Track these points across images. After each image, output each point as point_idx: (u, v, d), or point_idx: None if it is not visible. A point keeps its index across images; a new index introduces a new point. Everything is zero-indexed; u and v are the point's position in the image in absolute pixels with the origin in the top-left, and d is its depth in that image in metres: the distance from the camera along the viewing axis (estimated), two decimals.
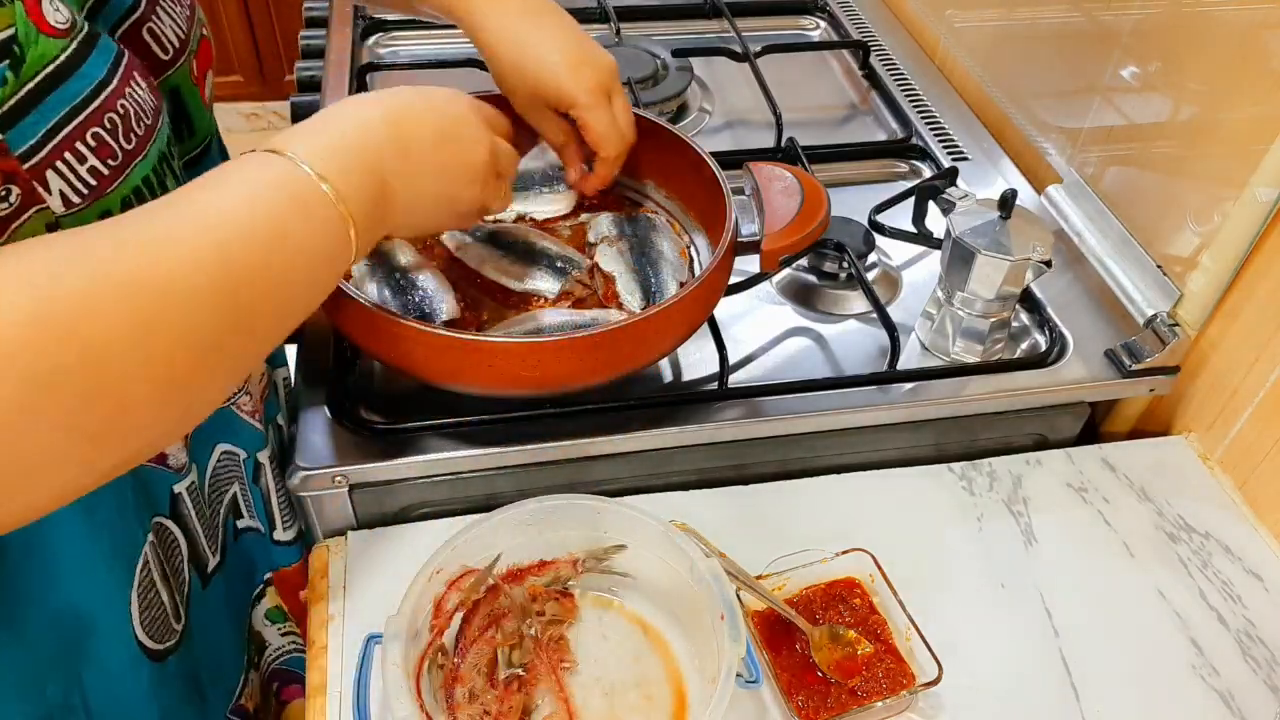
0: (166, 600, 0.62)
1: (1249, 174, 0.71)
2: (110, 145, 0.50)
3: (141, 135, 0.52)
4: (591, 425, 0.73)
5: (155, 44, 0.58)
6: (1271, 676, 0.66)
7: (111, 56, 0.50)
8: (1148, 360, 0.79)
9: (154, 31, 0.58)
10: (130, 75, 0.52)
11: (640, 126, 0.79)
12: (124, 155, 0.51)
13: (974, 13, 1.14)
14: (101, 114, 0.49)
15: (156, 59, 0.58)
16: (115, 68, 0.50)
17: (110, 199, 0.50)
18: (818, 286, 0.87)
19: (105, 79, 0.49)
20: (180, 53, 0.61)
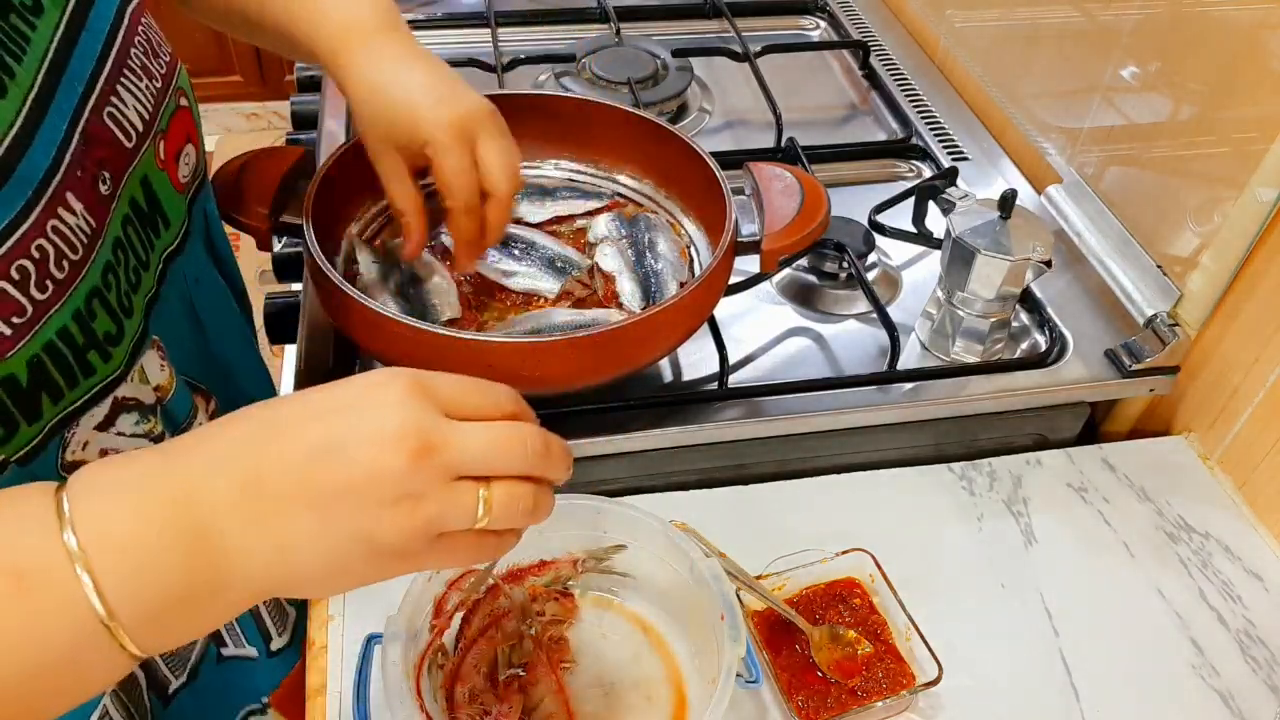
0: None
1: (1249, 174, 0.71)
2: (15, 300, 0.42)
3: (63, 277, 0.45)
4: (591, 425, 0.73)
5: (118, 129, 0.52)
6: (1271, 676, 0.66)
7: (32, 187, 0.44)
8: (1148, 360, 0.79)
9: (115, 115, 0.52)
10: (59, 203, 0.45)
11: (640, 126, 0.80)
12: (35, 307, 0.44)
13: (974, 13, 1.14)
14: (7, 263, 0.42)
15: (120, 146, 0.52)
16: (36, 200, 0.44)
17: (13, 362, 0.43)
18: (818, 286, 0.87)
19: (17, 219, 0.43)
20: (145, 136, 0.55)
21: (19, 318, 0.43)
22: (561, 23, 1.22)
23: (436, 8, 1.25)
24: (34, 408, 0.46)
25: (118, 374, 0.51)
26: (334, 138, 0.99)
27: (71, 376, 0.48)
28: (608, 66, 1.07)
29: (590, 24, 1.21)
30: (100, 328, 0.49)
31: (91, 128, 0.50)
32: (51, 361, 0.46)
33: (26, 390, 0.45)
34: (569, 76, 1.09)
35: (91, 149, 0.50)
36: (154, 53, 0.57)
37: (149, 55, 0.57)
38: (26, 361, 0.44)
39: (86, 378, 0.49)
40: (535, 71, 1.11)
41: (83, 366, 0.48)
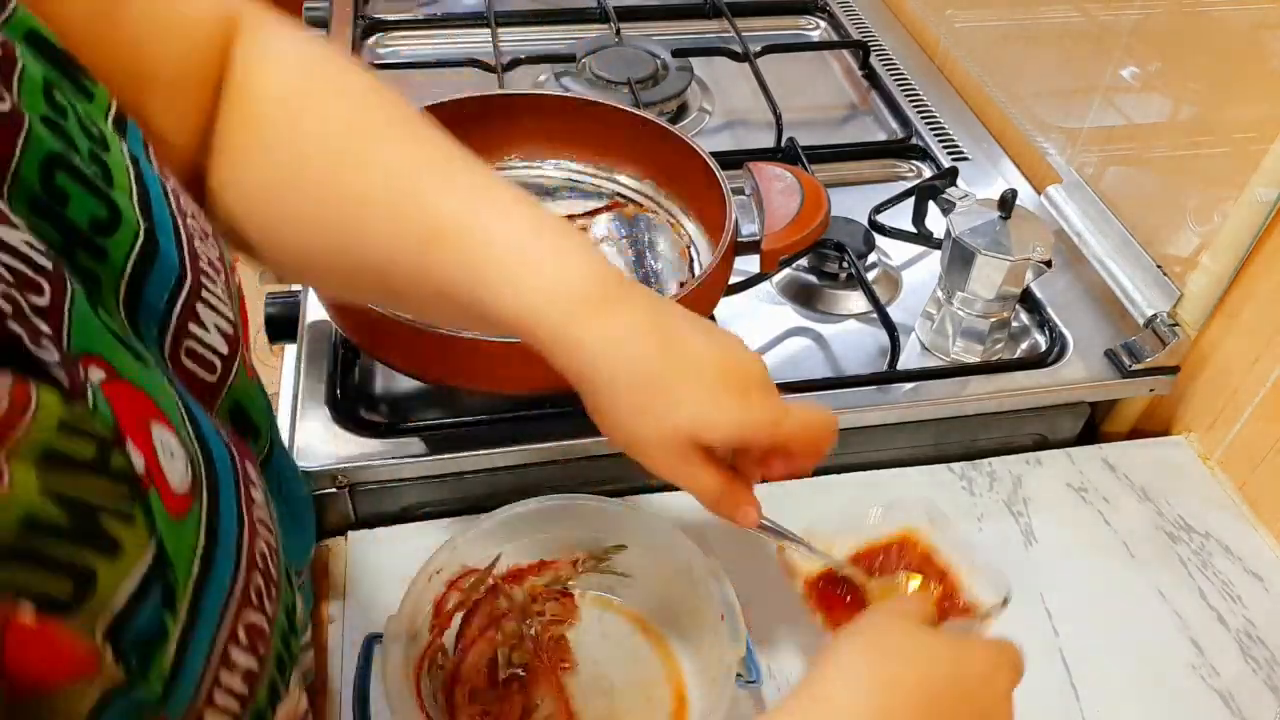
0: None
1: (1249, 174, 0.71)
2: (260, 627, 0.33)
3: (276, 575, 0.35)
4: (592, 425, 0.72)
5: (200, 368, 0.37)
6: (1271, 676, 0.66)
7: (231, 474, 0.33)
8: (1148, 360, 0.79)
9: (195, 350, 0.37)
10: (247, 480, 0.34)
11: (640, 126, 0.80)
12: (269, 625, 0.34)
13: (974, 13, 1.14)
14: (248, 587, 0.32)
15: (205, 386, 0.38)
16: (238, 489, 0.33)
17: (259, 698, 0.33)
18: (818, 286, 0.87)
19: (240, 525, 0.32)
20: (232, 357, 0.39)
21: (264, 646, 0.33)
22: (561, 23, 1.22)
23: (436, 8, 1.25)
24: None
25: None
26: None
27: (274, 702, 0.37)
28: (608, 66, 1.08)
29: (590, 24, 1.21)
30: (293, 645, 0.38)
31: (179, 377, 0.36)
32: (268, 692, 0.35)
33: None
34: (569, 76, 1.09)
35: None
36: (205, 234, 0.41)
37: (204, 240, 0.40)
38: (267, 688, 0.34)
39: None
40: (535, 71, 1.11)
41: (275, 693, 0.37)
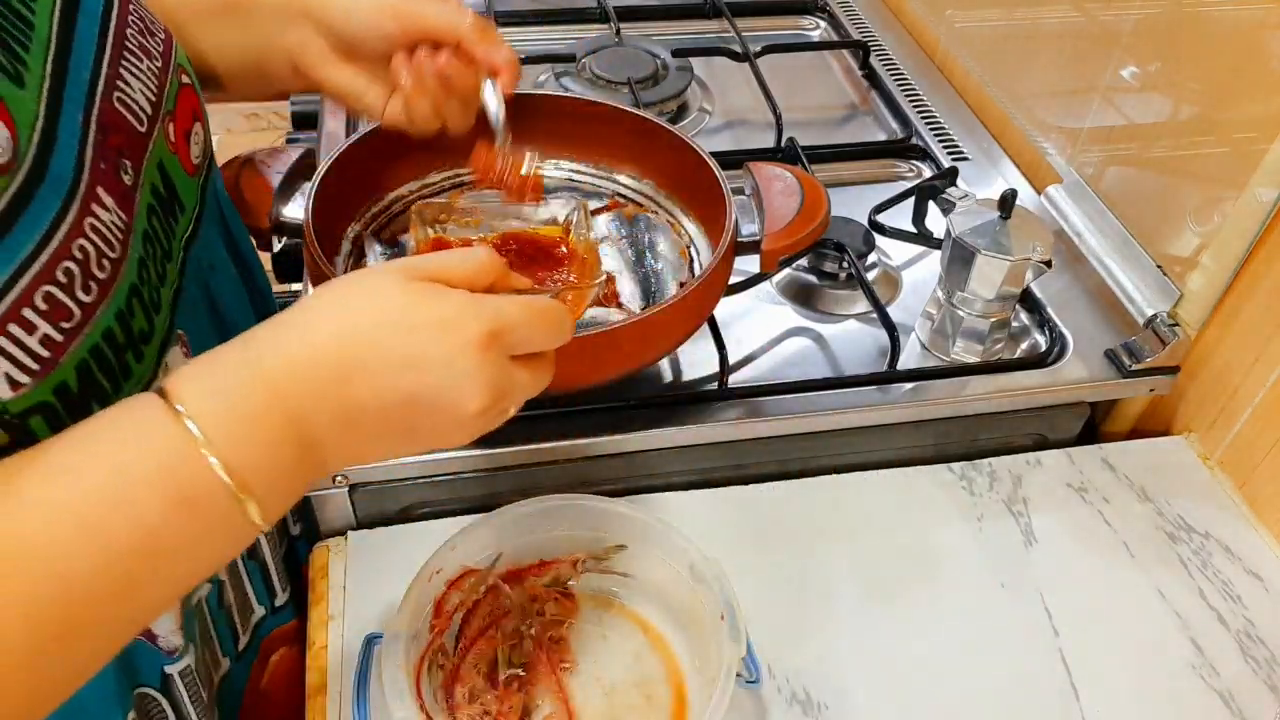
0: None
1: (1249, 174, 0.71)
2: (65, 305, 0.42)
3: (105, 277, 0.44)
4: (591, 425, 0.73)
5: (129, 114, 0.49)
6: (1271, 676, 0.66)
7: (66, 185, 0.42)
8: (1148, 360, 0.79)
9: (124, 100, 0.49)
10: (92, 199, 0.44)
11: (640, 126, 0.80)
12: (83, 310, 0.43)
13: (974, 13, 1.14)
14: (54, 266, 0.41)
15: (134, 133, 0.50)
16: (71, 197, 0.42)
17: (64, 369, 0.42)
18: (818, 286, 0.87)
19: (57, 219, 0.41)
20: (155, 119, 0.52)
21: (67, 322, 0.42)
22: (561, 23, 1.22)
23: None
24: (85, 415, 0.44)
25: (151, 375, 0.50)
26: (334, 138, 0.99)
27: (115, 380, 0.47)
28: (608, 66, 1.07)
29: (590, 24, 1.21)
30: (136, 326, 0.48)
31: (104, 116, 0.48)
32: (98, 366, 0.45)
33: (77, 397, 0.44)
34: (569, 76, 1.09)
35: (108, 138, 0.47)
36: (149, 30, 0.54)
37: (144, 34, 0.54)
38: (75, 367, 0.43)
39: (125, 380, 0.47)
40: (535, 71, 1.11)
41: (123, 369, 0.47)
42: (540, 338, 0.46)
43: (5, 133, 0.39)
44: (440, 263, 0.45)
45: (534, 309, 0.45)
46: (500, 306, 0.44)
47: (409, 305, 0.43)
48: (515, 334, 0.44)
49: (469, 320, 0.43)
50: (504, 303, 0.44)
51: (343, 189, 0.76)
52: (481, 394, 0.43)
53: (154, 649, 0.56)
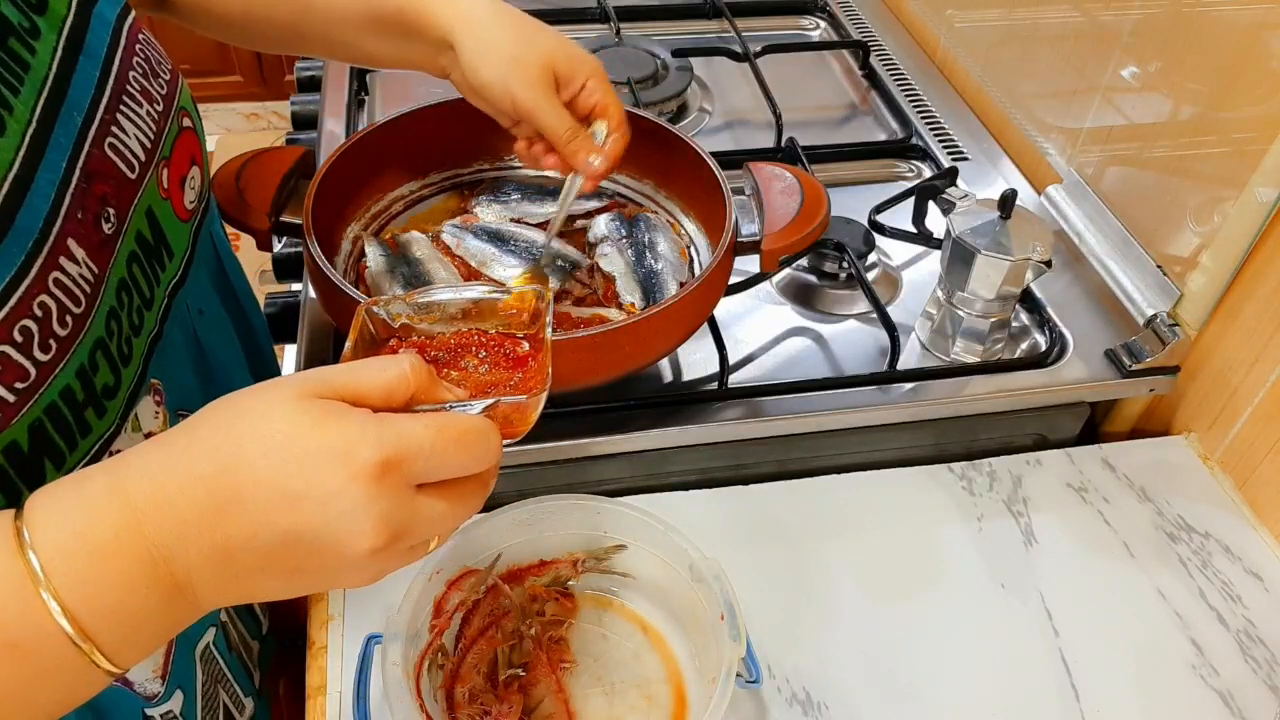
0: None
1: (1249, 174, 0.71)
2: (19, 365, 0.40)
3: (67, 334, 0.43)
4: (591, 425, 0.73)
5: (120, 161, 0.49)
6: (1271, 676, 0.66)
7: (32, 239, 0.41)
8: (1148, 360, 0.79)
9: (116, 146, 0.49)
10: (61, 251, 0.42)
11: (640, 126, 0.79)
12: (39, 370, 0.41)
13: (974, 13, 1.14)
14: (10, 326, 0.39)
15: (123, 179, 0.49)
16: (37, 251, 0.41)
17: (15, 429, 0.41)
18: (818, 286, 0.87)
19: (18, 275, 0.40)
20: (148, 165, 0.51)
21: (22, 382, 0.40)
22: (561, 23, 1.22)
23: None
24: (37, 473, 0.43)
25: (112, 429, 0.48)
26: (334, 138, 0.99)
27: (71, 438, 0.45)
28: (608, 66, 1.06)
29: (590, 24, 1.21)
30: (100, 381, 0.46)
31: (92, 163, 0.47)
32: (52, 425, 0.43)
33: (28, 456, 0.42)
34: None
35: (93, 185, 0.46)
36: (154, 73, 0.54)
37: (149, 76, 0.53)
38: (29, 426, 0.41)
39: (84, 437, 0.46)
40: None
41: (80, 426, 0.45)
42: (455, 463, 0.39)
43: None
44: (351, 375, 0.40)
45: (448, 432, 0.39)
46: (404, 430, 0.38)
47: (296, 431, 0.37)
48: (419, 462, 0.38)
49: (361, 448, 0.37)
50: (411, 425, 0.38)
51: (343, 189, 0.76)
52: (372, 532, 0.37)
53: (131, 694, 0.54)
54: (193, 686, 0.60)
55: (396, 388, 0.39)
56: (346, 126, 1.01)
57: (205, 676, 0.62)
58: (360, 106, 1.07)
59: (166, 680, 0.57)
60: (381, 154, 0.79)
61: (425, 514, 0.39)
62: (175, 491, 0.37)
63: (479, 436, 0.40)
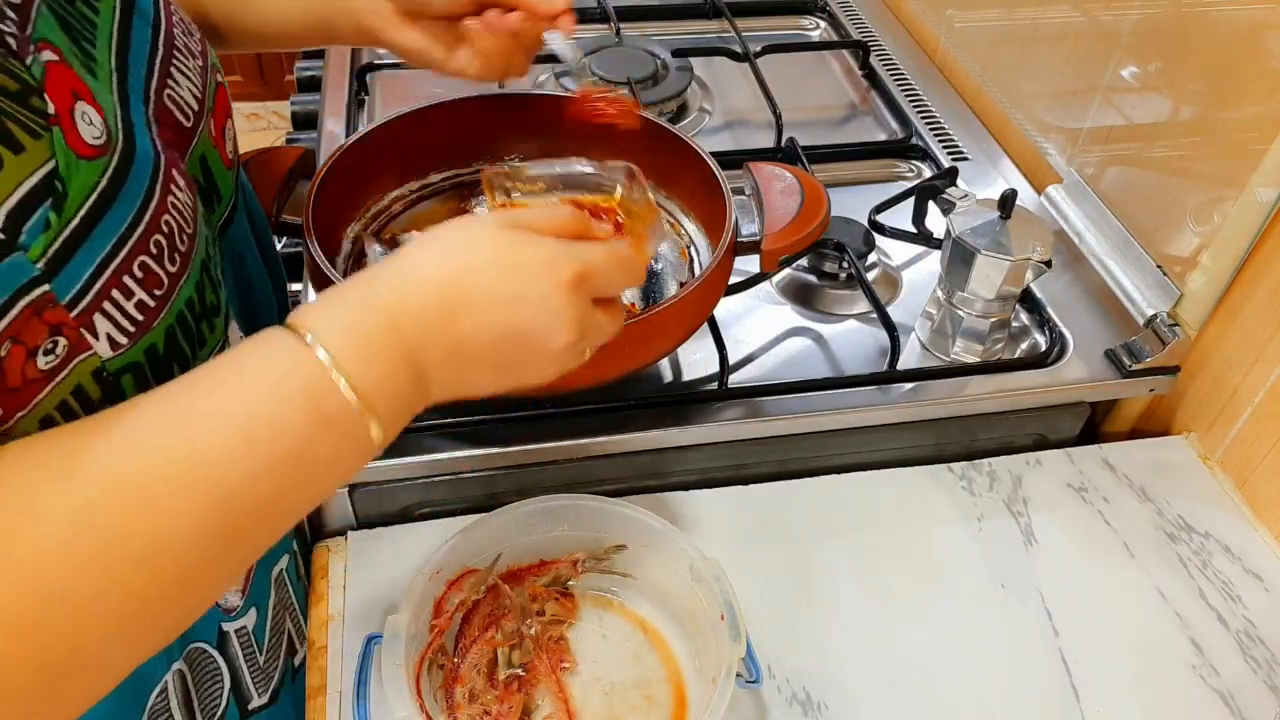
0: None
1: (1249, 174, 0.71)
2: (156, 273, 0.46)
3: (184, 250, 0.48)
4: (591, 425, 0.73)
5: (179, 112, 0.53)
6: (1271, 676, 0.66)
7: (150, 164, 0.46)
8: (1148, 360, 0.79)
9: (174, 97, 0.53)
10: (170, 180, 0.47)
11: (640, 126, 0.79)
12: (169, 280, 0.47)
13: (974, 13, 1.14)
14: (147, 239, 0.45)
15: (181, 129, 0.53)
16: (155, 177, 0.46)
17: (155, 332, 0.46)
18: (818, 286, 0.87)
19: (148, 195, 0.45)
20: (200, 115, 0.56)
21: (159, 290, 0.46)
22: None
23: None
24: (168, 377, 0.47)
25: (220, 344, 0.54)
26: (334, 138, 0.99)
27: (194, 347, 0.51)
28: (608, 66, 1.07)
29: (590, 24, 1.21)
30: (208, 299, 0.52)
31: (159, 111, 0.51)
32: (181, 331, 0.49)
33: (162, 359, 0.48)
34: (569, 77, 1.09)
35: (162, 132, 0.50)
36: (189, 31, 0.57)
37: (187, 34, 0.57)
38: (165, 330, 0.47)
39: (201, 349, 0.51)
40: (535, 71, 1.11)
41: (199, 337, 0.51)
42: (619, 281, 0.51)
43: (98, 116, 0.43)
44: (531, 215, 0.50)
45: (615, 254, 0.50)
46: (587, 252, 0.48)
47: (508, 248, 0.47)
48: (599, 277, 0.48)
49: (562, 262, 0.47)
50: (590, 248, 0.49)
51: (343, 189, 0.76)
52: (571, 329, 0.47)
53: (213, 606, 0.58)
54: (265, 606, 0.64)
55: (565, 226, 0.50)
56: (346, 126, 1.01)
57: (276, 600, 0.65)
58: (360, 106, 1.07)
59: (246, 595, 0.61)
60: (381, 154, 0.79)
61: (598, 321, 0.50)
62: (418, 300, 0.45)
63: (634, 261, 0.51)
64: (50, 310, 0.40)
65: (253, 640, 0.63)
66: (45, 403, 0.42)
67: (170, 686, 0.57)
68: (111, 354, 0.44)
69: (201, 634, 0.59)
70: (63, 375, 0.42)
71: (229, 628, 0.60)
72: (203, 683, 0.61)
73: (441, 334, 0.45)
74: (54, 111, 0.40)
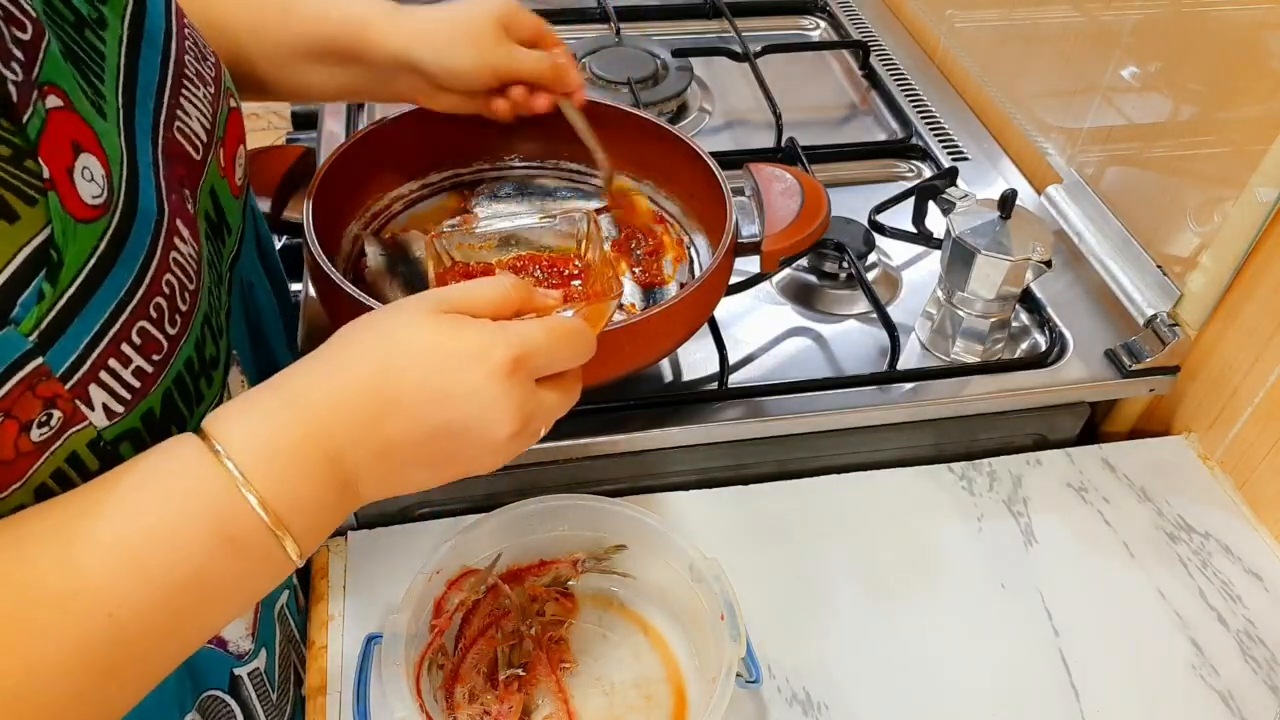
0: None
1: (1249, 174, 0.71)
2: (156, 338, 0.44)
3: (186, 310, 0.46)
4: (591, 425, 0.73)
5: (188, 144, 0.51)
6: (1271, 676, 0.66)
7: (153, 221, 0.44)
8: (1148, 360, 0.79)
9: (183, 130, 0.51)
10: (173, 234, 0.45)
11: (640, 126, 0.80)
12: (169, 343, 0.45)
13: (974, 13, 1.14)
14: (147, 303, 0.43)
15: (191, 163, 0.51)
16: (158, 232, 0.44)
17: (152, 398, 0.44)
18: (818, 286, 0.87)
19: (149, 256, 0.43)
20: (210, 146, 0.54)
21: (158, 354, 0.44)
22: (561, 23, 1.22)
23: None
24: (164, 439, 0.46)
25: (218, 398, 0.52)
26: (334, 138, 0.99)
27: (190, 405, 0.48)
28: (608, 66, 1.08)
29: (590, 24, 1.21)
30: (208, 353, 0.50)
31: (169, 146, 0.49)
32: (179, 393, 0.47)
33: (159, 422, 0.46)
34: None
35: (173, 169, 0.48)
36: (202, 56, 0.55)
37: (199, 59, 0.55)
38: (162, 394, 0.45)
39: (198, 405, 0.49)
40: None
41: (196, 395, 0.49)
42: (564, 357, 0.47)
43: (101, 170, 0.40)
44: (465, 293, 0.47)
45: (557, 331, 0.46)
46: (524, 332, 0.45)
47: (440, 339, 0.44)
48: (539, 357, 0.45)
49: (494, 349, 0.44)
50: (527, 328, 0.46)
51: (343, 189, 0.76)
52: (511, 419, 0.44)
53: (224, 654, 0.58)
54: (273, 645, 0.63)
55: (504, 302, 0.47)
56: (346, 126, 1.01)
57: (282, 636, 0.65)
58: (360, 106, 1.07)
59: (255, 638, 0.60)
60: (381, 154, 0.79)
61: (546, 402, 0.47)
62: (346, 398, 0.43)
63: (580, 333, 0.48)
64: (44, 384, 0.38)
65: (265, 680, 0.62)
66: (39, 473, 0.40)
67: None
68: (107, 423, 0.42)
69: (214, 682, 0.58)
70: (56, 446, 0.40)
71: (241, 672, 0.59)
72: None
73: (369, 437, 0.43)
74: (49, 176, 0.38)
